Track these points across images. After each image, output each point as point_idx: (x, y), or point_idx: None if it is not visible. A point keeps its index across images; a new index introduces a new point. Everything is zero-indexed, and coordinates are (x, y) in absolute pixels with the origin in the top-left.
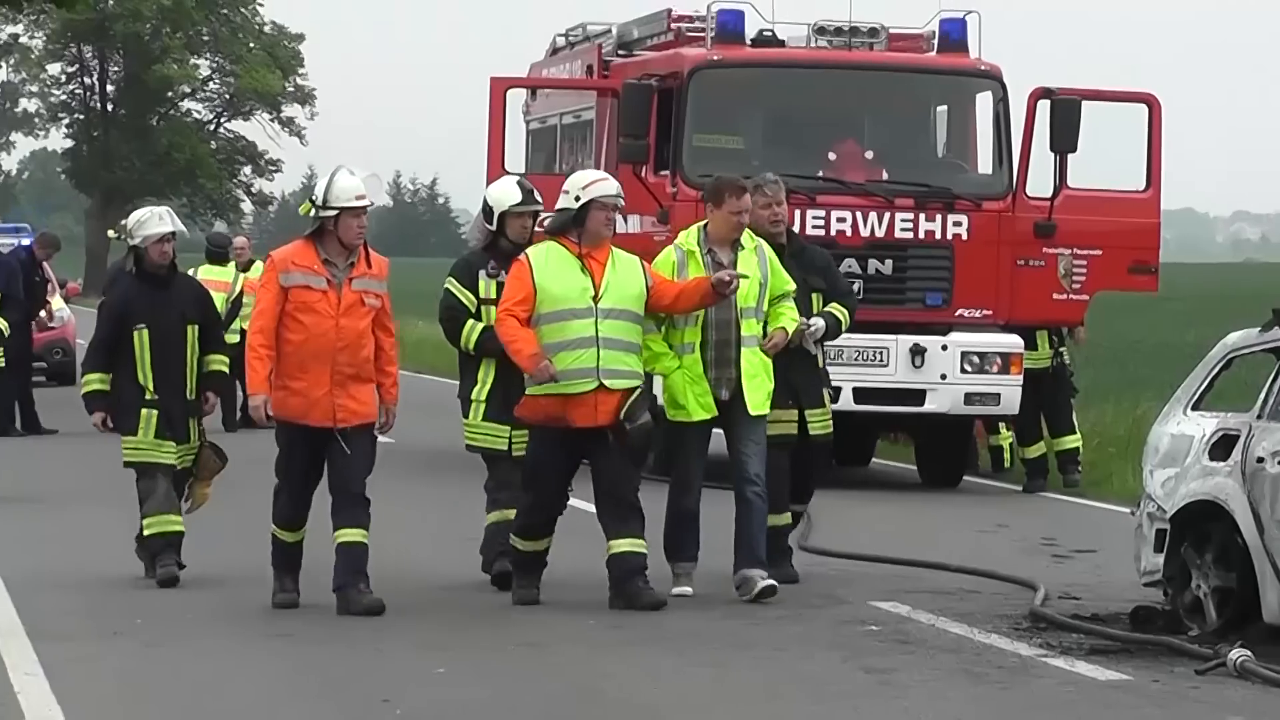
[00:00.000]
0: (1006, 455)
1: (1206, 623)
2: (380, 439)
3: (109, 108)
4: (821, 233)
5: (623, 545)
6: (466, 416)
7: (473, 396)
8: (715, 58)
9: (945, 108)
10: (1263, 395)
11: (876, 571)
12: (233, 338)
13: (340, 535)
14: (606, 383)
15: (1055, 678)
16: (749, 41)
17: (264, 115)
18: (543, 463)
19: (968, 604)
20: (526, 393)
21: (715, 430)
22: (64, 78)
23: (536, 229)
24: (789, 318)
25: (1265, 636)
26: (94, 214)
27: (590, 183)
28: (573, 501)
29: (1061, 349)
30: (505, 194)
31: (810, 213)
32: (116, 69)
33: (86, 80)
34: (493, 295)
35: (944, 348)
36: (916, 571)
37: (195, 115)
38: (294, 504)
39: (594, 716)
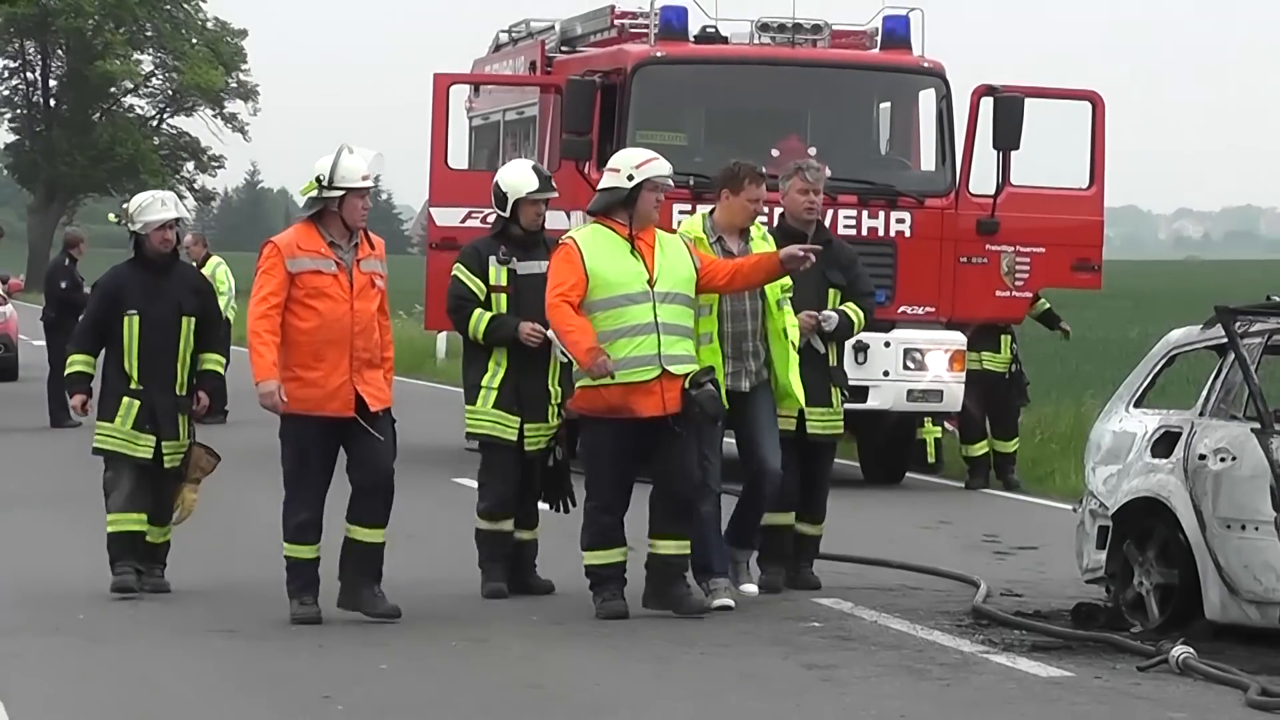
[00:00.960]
0: (930, 450)
1: (1148, 620)
2: None
3: (52, 103)
4: None
5: (668, 547)
6: (473, 404)
7: (482, 383)
8: (658, 54)
9: (888, 104)
10: (1204, 392)
11: (819, 568)
12: None
13: (357, 532)
14: (670, 369)
15: (997, 674)
16: (692, 38)
17: (207, 111)
18: (603, 455)
19: (910, 601)
20: (581, 384)
21: None
22: (6, 73)
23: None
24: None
25: (1207, 633)
26: (36, 209)
27: (644, 161)
28: None
29: (1018, 355)
30: (521, 180)
31: None
32: (59, 64)
33: (29, 75)
34: (503, 282)
35: (886, 344)
36: (858, 568)
37: (138, 111)
38: (314, 514)
39: (536, 712)
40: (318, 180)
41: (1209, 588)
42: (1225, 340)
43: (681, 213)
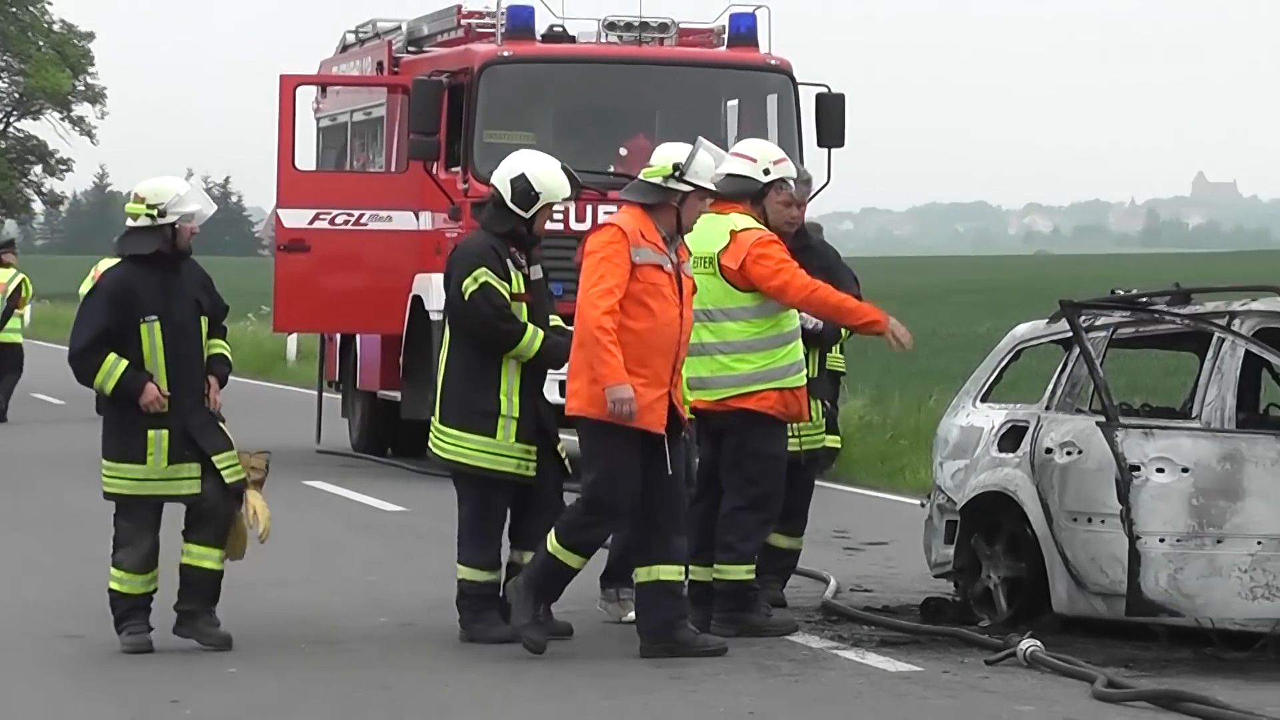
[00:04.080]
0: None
1: (997, 613)
2: None
3: None
4: None
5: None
6: (491, 435)
7: (503, 411)
8: (505, 53)
9: (736, 102)
10: (1050, 386)
11: None
12: (12, 336)
13: (660, 571)
14: None
15: (846, 670)
16: (539, 37)
17: (54, 114)
18: (784, 464)
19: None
20: (783, 385)
21: None
22: None
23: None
24: None
25: (1055, 626)
26: None
27: (781, 159)
28: (362, 499)
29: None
30: (559, 184)
31: (602, 208)
32: None
33: None
34: (522, 289)
35: None
36: None
37: None
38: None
39: (385, 714)
40: (675, 167)
41: (1056, 581)
42: (1070, 334)
43: None
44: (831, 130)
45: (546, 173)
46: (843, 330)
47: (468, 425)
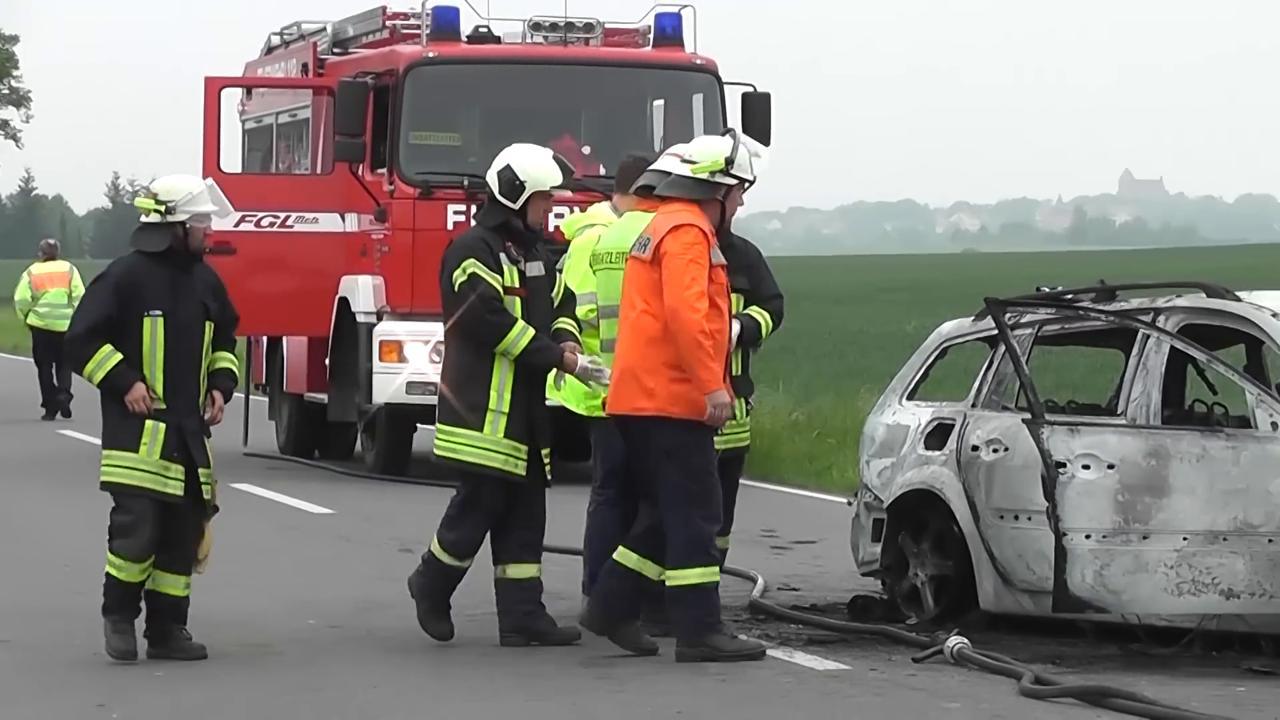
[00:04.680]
0: None
1: (924, 611)
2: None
3: None
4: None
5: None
6: (478, 429)
7: (490, 405)
8: (431, 55)
9: (661, 102)
10: (976, 384)
11: None
12: None
13: (647, 567)
14: None
15: (774, 668)
16: (464, 38)
17: None
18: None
19: None
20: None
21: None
22: None
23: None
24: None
25: (982, 623)
26: None
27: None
28: (289, 502)
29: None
30: (547, 172)
31: None
32: None
33: None
34: (516, 284)
35: None
36: None
37: None
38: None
39: (313, 716)
40: (727, 160)
41: (983, 578)
42: (996, 332)
43: (457, 213)
44: (757, 129)
45: (531, 162)
46: (762, 331)
47: (456, 420)
